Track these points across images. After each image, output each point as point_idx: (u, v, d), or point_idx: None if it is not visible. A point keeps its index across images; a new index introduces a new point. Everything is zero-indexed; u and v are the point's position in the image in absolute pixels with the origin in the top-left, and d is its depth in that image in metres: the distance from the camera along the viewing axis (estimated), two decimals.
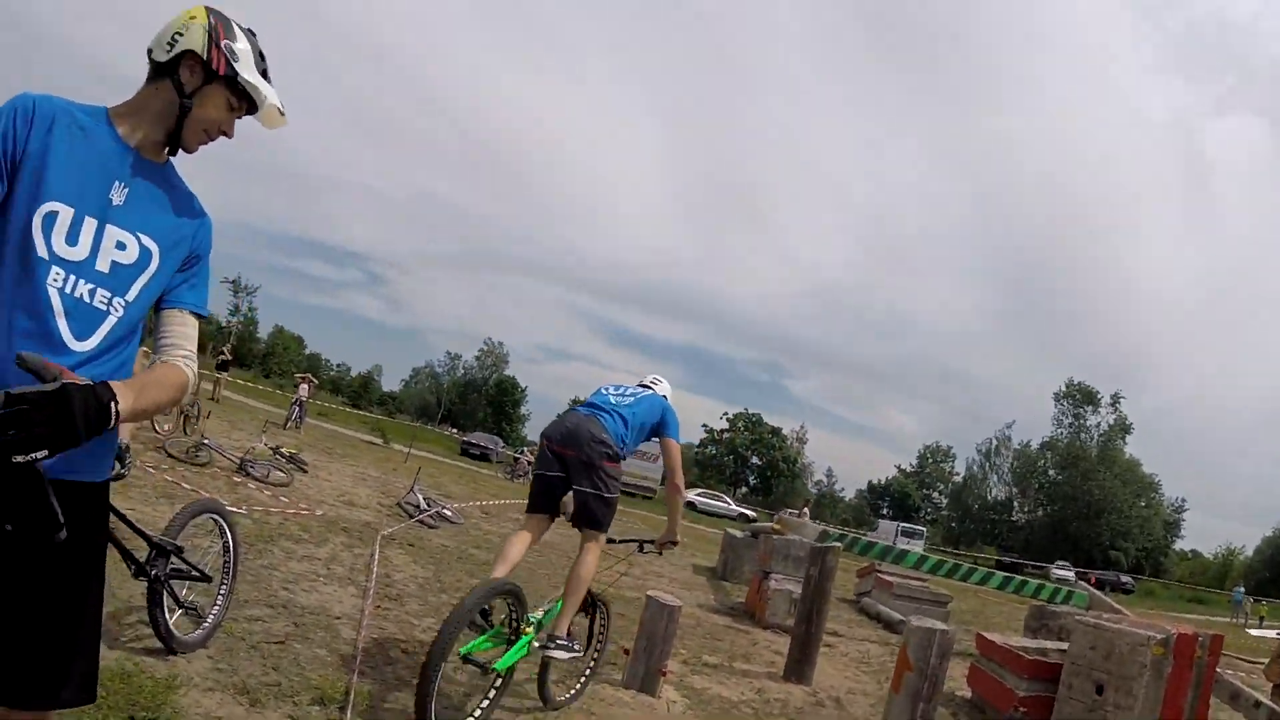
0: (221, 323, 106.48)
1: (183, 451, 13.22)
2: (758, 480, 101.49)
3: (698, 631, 10.51)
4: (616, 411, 6.12)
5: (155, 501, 9.58)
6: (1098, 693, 7.59)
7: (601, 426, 5.89)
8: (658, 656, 6.86)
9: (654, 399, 6.48)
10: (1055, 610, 13.34)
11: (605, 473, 5.77)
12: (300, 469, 16.30)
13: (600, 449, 5.76)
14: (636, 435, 6.18)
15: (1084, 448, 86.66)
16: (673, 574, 16.12)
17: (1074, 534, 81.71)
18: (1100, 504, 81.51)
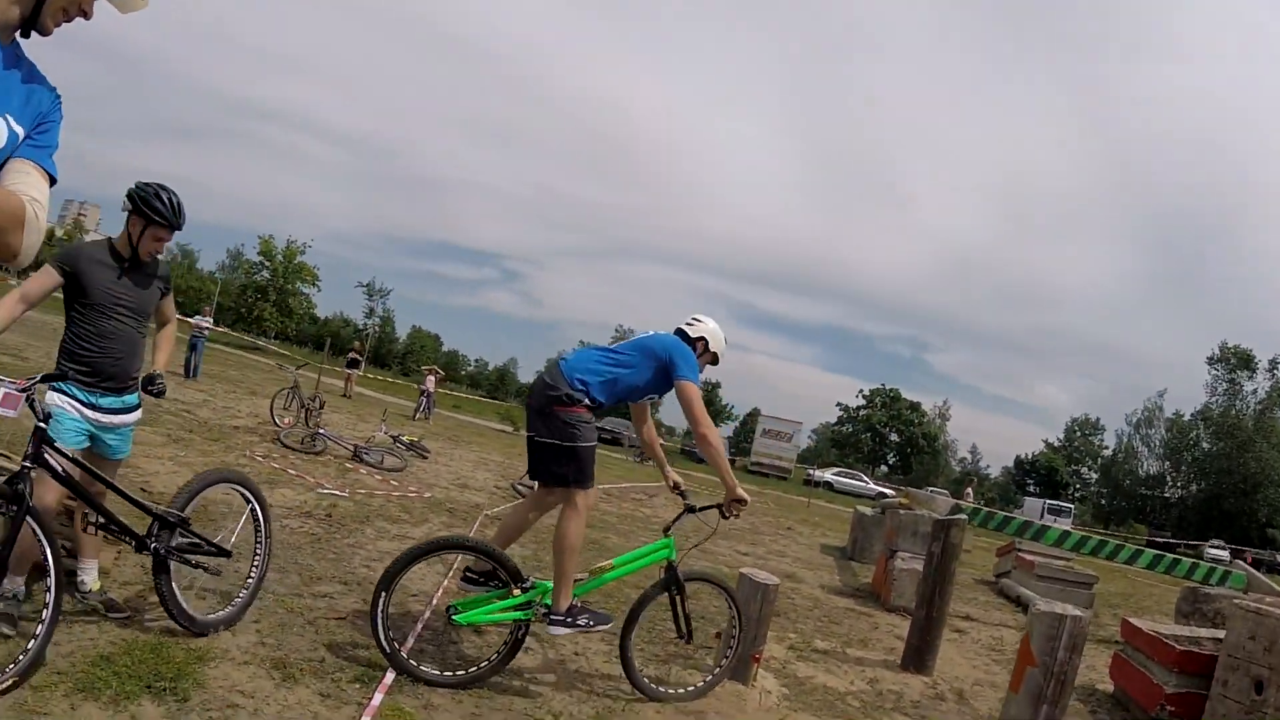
0: (357, 325, 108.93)
1: (298, 442, 13.36)
2: (897, 458, 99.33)
3: (814, 614, 9.91)
4: (594, 350, 5.70)
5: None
6: (1257, 691, 6.44)
7: (558, 372, 5.45)
8: (751, 640, 6.10)
9: (655, 338, 5.78)
10: (1210, 593, 11.94)
11: (559, 419, 5.29)
12: (420, 455, 16.50)
13: (549, 392, 5.33)
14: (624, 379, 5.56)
15: (1239, 417, 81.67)
16: (798, 553, 15.63)
17: (1229, 510, 76.79)
18: (1257, 477, 76.09)
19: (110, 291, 4.70)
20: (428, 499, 11.46)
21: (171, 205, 4.82)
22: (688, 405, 5.51)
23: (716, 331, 6.06)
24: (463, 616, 5.12)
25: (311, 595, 6.10)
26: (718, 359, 6.16)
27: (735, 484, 5.55)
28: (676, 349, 5.66)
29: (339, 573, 6.82)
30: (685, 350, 5.70)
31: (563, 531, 5.26)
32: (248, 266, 76.43)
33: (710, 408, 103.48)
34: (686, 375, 5.54)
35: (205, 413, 15.14)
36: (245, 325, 75.83)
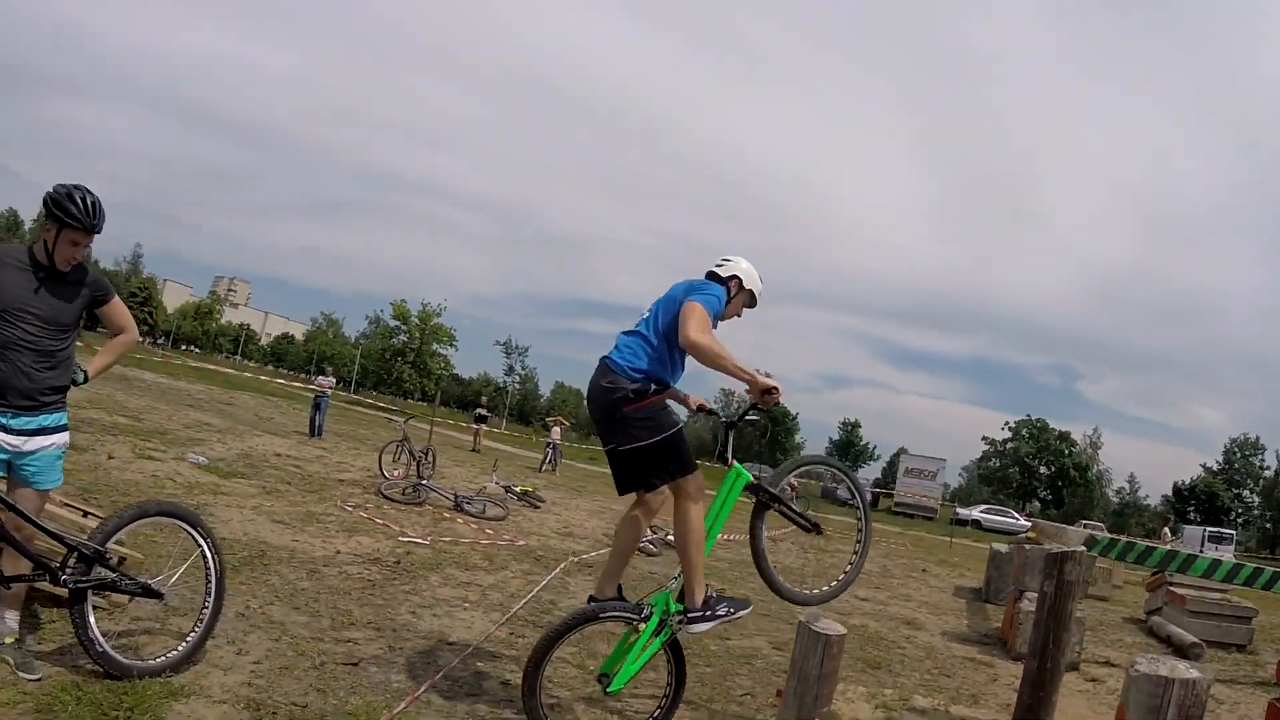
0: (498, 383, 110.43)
1: (399, 493, 13.12)
2: (1048, 492, 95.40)
3: (925, 664, 9.05)
4: (631, 333, 5.06)
5: (332, 534, 9.37)
6: None
7: (609, 368, 4.89)
8: (811, 701, 5.29)
9: (677, 286, 5.17)
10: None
11: (633, 420, 4.79)
12: (533, 505, 16.14)
13: (612, 395, 4.80)
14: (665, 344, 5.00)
15: None
16: (926, 596, 14.72)
17: None
18: None
19: (19, 297, 4.32)
20: (519, 547, 11.06)
21: (86, 206, 4.43)
22: (684, 319, 4.81)
23: (751, 270, 5.48)
24: (617, 682, 4.72)
25: (334, 639, 5.87)
26: (755, 299, 5.55)
27: (755, 374, 4.90)
28: (697, 284, 5.12)
29: (377, 618, 6.53)
30: (708, 284, 5.17)
31: (685, 523, 4.87)
32: (385, 330, 78.05)
33: (851, 448, 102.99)
34: (696, 297, 4.93)
35: (315, 467, 15.01)
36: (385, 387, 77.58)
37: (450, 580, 8.37)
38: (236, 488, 10.97)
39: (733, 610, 4.92)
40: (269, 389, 39.49)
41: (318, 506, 10.88)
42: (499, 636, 6.63)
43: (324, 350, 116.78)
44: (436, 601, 7.39)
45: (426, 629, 6.51)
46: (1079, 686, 9.13)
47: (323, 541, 8.90)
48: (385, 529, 10.28)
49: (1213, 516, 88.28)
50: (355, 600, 6.92)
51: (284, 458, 15.15)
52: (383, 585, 7.59)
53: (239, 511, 9.53)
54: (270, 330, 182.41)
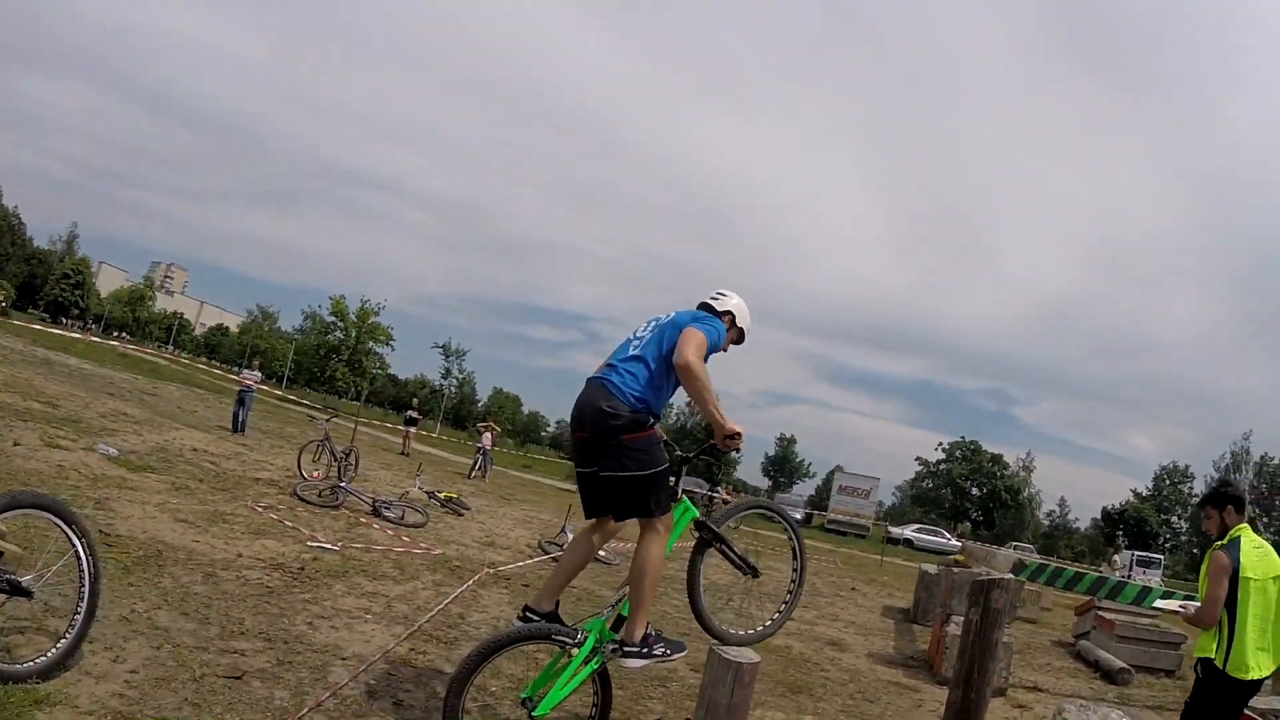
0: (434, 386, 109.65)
1: (315, 495, 12.68)
2: (979, 513, 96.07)
3: (848, 689, 8.82)
4: (632, 358, 4.88)
5: (237, 536, 8.98)
6: None
7: (609, 391, 4.72)
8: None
9: (677, 316, 5.04)
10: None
11: (630, 449, 4.64)
12: (456, 513, 15.75)
13: (611, 421, 4.64)
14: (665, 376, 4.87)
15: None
16: (854, 616, 14.53)
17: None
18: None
19: None
20: (434, 556, 10.68)
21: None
22: (684, 341, 4.72)
23: (743, 306, 5.42)
24: (544, 706, 4.53)
25: (220, 649, 5.52)
26: (743, 336, 5.47)
27: (724, 418, 4.83)
28: (702, 316, 5.06)
29: (270, 628, 6.16)
30: (712, 318, 5.09)
31: (646, 558, 4.74)
32: (321, 326, 77.10)
33: (786, 464, 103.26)
34: (700, 327, 4.84)
35: (231, 464, 14.51)
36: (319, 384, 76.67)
37: (355, 589, 7.99)
38: (144, 482, 10.51)
39: (668, 652, 4.82)
40: (196, 381, 38.70)
41: (227, 506, 10.45)
42: (398, 653, 6.28)
43: (257, 344, 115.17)
44: (337, 612, 7.02)
45: (322, 641, 6.15)
46: (1006, 713, 9.02)
47: (225, 543, 8.49)
48: (295, 532, 9.89)
49: (1141, 541, 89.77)
50: (250, 608, 6.53)
51: (200, 453, 14.64)
52: (282, 592, 7.21)
53: (141, 508, 9.08)
54: (205, 320, 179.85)
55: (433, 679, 5.91)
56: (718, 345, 4.98)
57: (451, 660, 6.46)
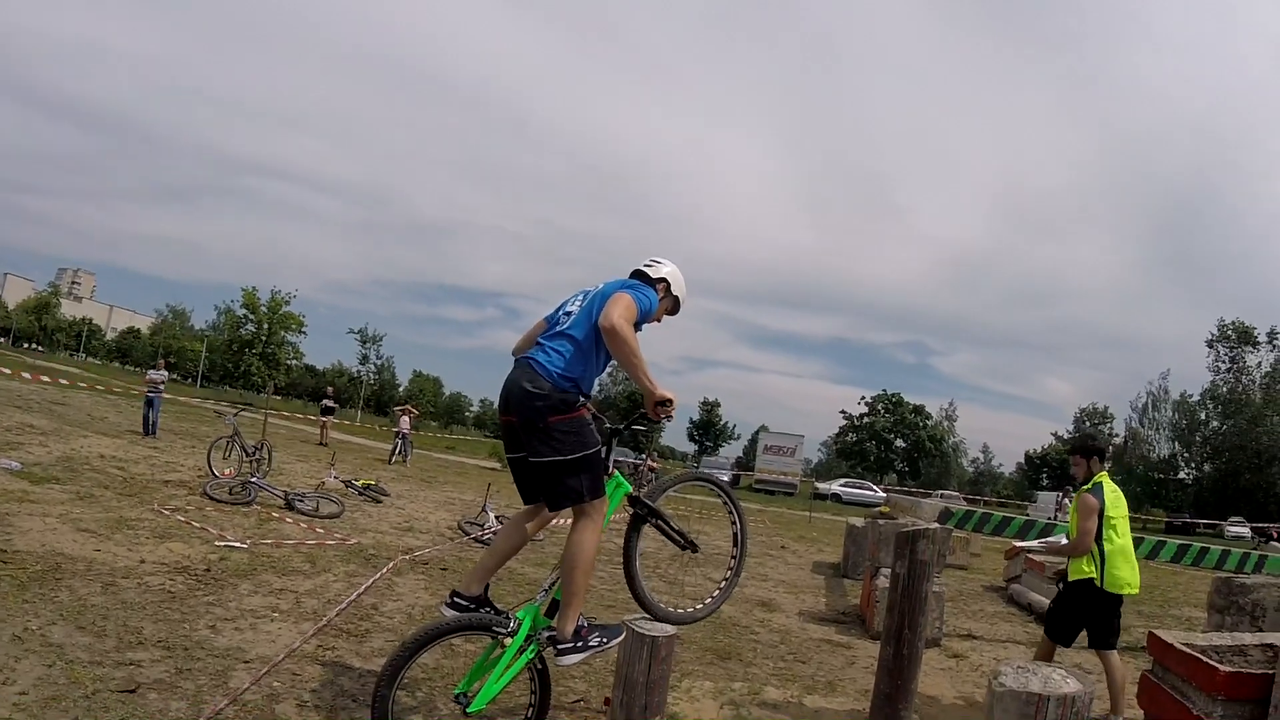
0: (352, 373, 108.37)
1: (225, 492, 12.40)
2: (904, 464, 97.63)
3: (779, 650, 8.71)
4: (558, 335, 4.66)
5: (141, 541, 8.69)
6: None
7: (535, 372, 4.47)
8: (640, 711, 4.82)
9: (609, 285, 4.80)
10: (1246, 582, 10.29)
11: (559, 431, 4.43)
12: (374, 500, 15.55)
13: (538, 403, 4.41)
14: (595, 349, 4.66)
15: (1246, 392, 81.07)
16: (784, 575, 14.58)
17: (1245, 486, 76.12)
18: (1271, 451, 75.82)
19: None
20: (349, 546, 10.46)
21: None
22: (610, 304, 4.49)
23: (678, 274, 5.23)
24: (478, 701, 4.28)
25: (116, 662, 5.25)
26: (678, 305, 5.29)
27: (654, 385, 4.59)
28: (632, 284, 4.82)
29: (170, 636, 5.89)
30: (643, 285, 4.88)
31: (580, 546, 4.53)
32: (233, 320, 75.89)
33: (711, 428, 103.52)
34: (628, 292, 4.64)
35: (141, 468, 14.16)
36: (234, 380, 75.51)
37: (263, 588, 7.72)
38: (47, 494, 10.17)
39: (605, 640, 4.63)
40: (109, 386, 37.85)
41: (132, 511, 10.11)
42: (305, 651, 6.03)
43: (170, 344, 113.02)
44: (242, 613, 6.76)
45: (224, 645, 5.89)
46: (941, 664, 8.98)
47: (128, 550, 8.20)
48: (202, 533, 9.59)
49: (1065, 482, 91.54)
50: (150, 616, 6.26)
51: (108, 459, 14.29)
52: (184, 597, 6.93)
53: (42, 520, 8.75)
54: (116, 324, 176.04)
55: (341, 675, 5.67)
56: (649, 312, 4.80)
57: (362, 654, 6.26)
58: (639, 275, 5.07)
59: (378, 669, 5.84)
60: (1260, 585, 10.07)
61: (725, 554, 5.74)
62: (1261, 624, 9.54)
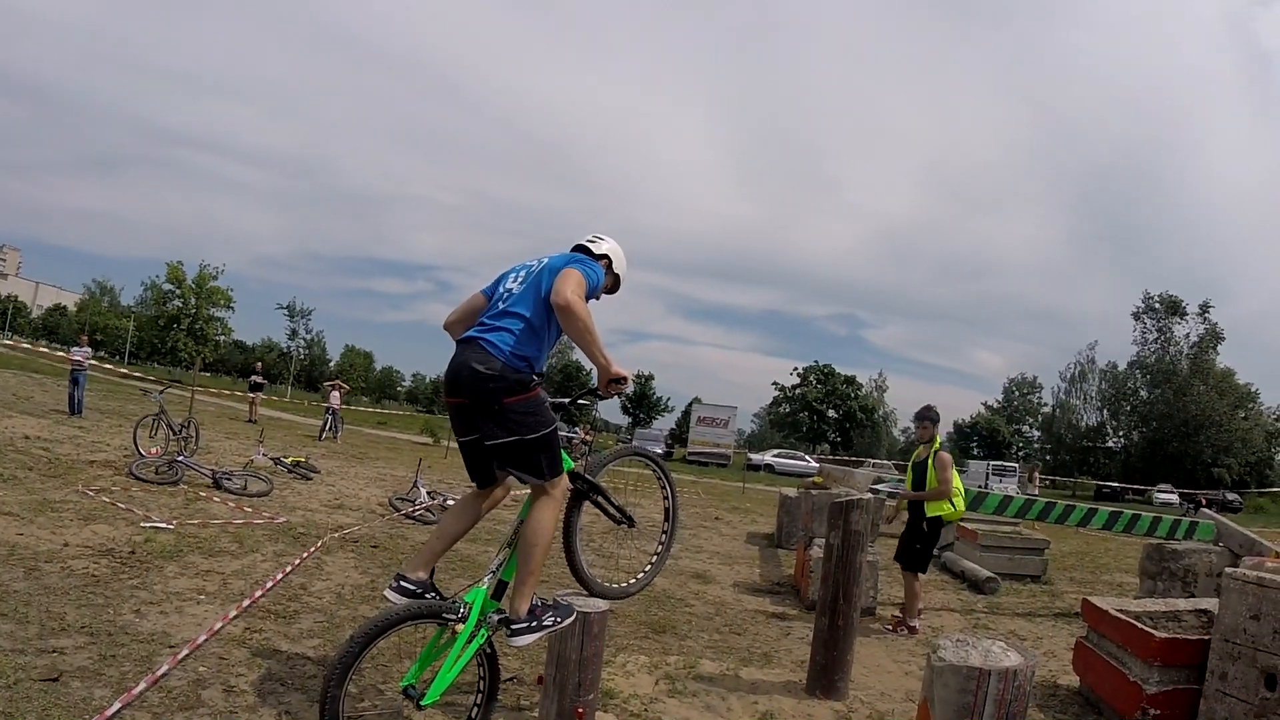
0: (282, 348, 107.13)
1: (152, 472, 12.20)
2: (837, 434, 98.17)
3: (714, 622, 8.75)
4: (506, 313, 4.50)
5: (65, 524, 8.49)
6: (1269, 686, 5.13)
7: (485, 352, 4.32)
8: (574, 689, 4.78)
9: (554, 260, 4.68)
10: (1178, 549, 10.59)
11: (515, 412, 4.31)
12: (304, 477, 15.39)
13: (491, 384, 4.27)
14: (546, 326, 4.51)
15: (1174, 362, 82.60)
16: (718, 546, 14.64)
17: (1173, 454, 77.98)
18: (1197, 420, 77.65)
19: None
20: (278, 525, 10.31)
21: None
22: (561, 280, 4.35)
23: (619, 251, 5.14)
24: (431, 693, 4.13)
25: (37, 650, 5.10)
26: (619, 282, 5.23)
27: (609, 360, 4.54)
28: (579, 258, 4.69)
29: (94, 621, 5.74)
30: (589, 260, 4.77)
31: (539, 525, 4.42)
32: (159, 296, 74.57)
33: (644, 401, 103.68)
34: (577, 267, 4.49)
35: (66, 449, 13.90)
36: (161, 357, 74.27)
37: (190, 569, 7.57)
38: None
39: (559, 619, 4.51)
40: (35, 365, 37.07)
41: (56, 493, 9.91)
42: (230, 633, 5.91)
43: (96, 321, 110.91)
44: (168, 596, 6.62)
45: (149, 630, 5.76)
46: (877, 633, 9.07)
47: (51, 533, 8.00)
48: (128, 514, 9.40)
49: (995, 450, 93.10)
50: (73, 600, 6.11)
51: (32, 440, 14.05)
52: (109, 581, 6.77)
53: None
54: (42, 301, 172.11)
55: (269, 658, 5.57)
56: (597, 287, 4.68)
57: (290, 636, 6.15)
58: (582, 249, 4.98)
59: (307, 651, 5.82)
60: (1192, 551, 10.31)
61: (658, 526, 5.69)
62: (1194, 590, 9.74)
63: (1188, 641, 5.97)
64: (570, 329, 4.38)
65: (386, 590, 4.55)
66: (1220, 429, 78.12)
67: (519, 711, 5.28)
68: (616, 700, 5.72)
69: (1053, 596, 12.47)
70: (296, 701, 4.92)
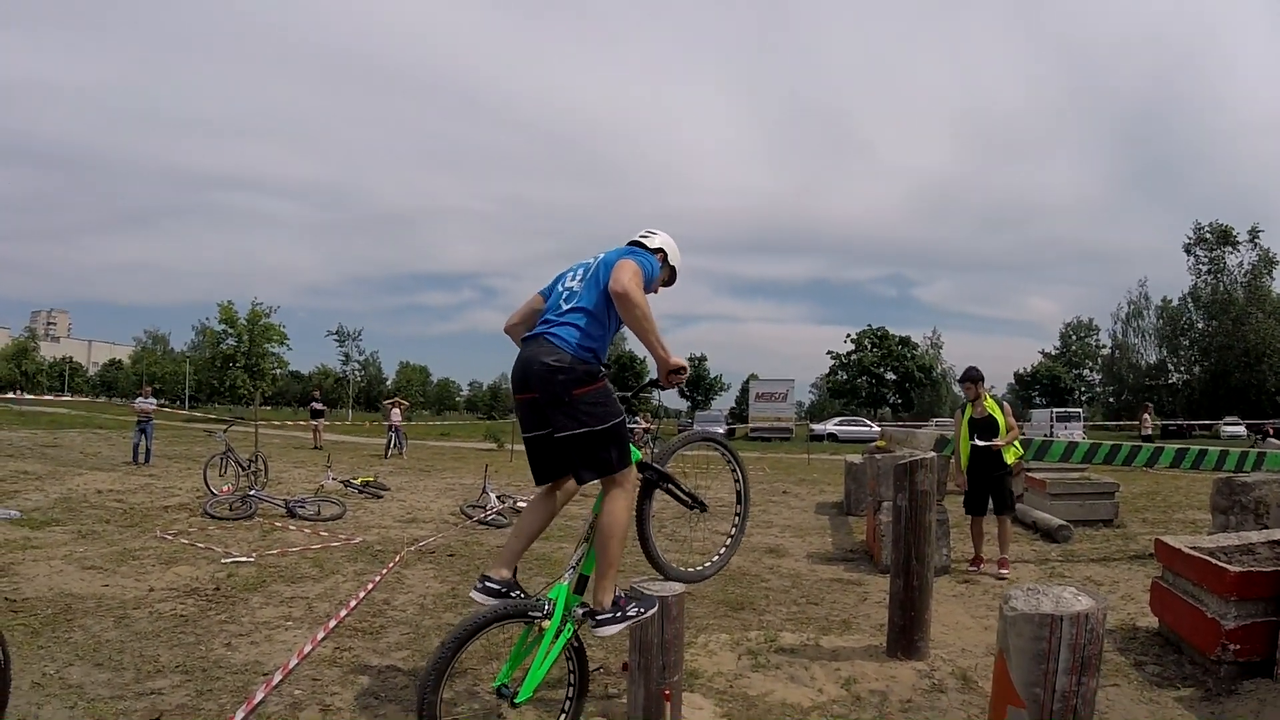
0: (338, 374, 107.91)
1: (226, 509, 12.38)
2: (896, 396, 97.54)
3: (791, 594, 8.76)
4: (570, 310, 4.55)
5: (148, 570, 8.66)
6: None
7: (553, 345, 4.38)
8: (659, 672, 4.89)
9: (610, 254, 4.71)
10: (1247, 481, 10.27)
11: (584, 403, 4.33)
12: (374, 496, 15.57)
13: (560, 376, 4.30)
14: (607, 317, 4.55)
15: (1229, 292, 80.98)
16: (788, 519, 14.69)
17: (1237, 385, 76.29)
18: (1258, 349, 75.76)
19: None
20: (355, 545, 10.51)
21: None
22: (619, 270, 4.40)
23: (672, 243, 5.18)
24: (524, 691, 4.16)
25: (136, 694, 5.22)
26: (675, 275, 5.25)
27: (668, 352, 4.57)
28: (634, 250, 4.75)
29: (187, 660, 5.88)
30: (644, 251, 4.82)
31: (614, 517, 4.44)
32: (212, 337, 75.42)
33: (700, 383, 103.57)
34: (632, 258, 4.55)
35: (139, 498, 14.14)
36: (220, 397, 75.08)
37: (274, 598, 7.75)
38: (49, 538, 10.12)
39: (642, 610, 4.54)
40: (98, 422, 37.68)
41: (135, 541, 10.12)
42: (321, 654, 6.05)
43: (152, 370, 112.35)
44: (256, 626, 6.78)
45: (241, 661, 5.91)
46: (953, 591, 9.04)
47: (135, 580, 8.18)
48: (208, 553, 9.59)
49: (1057, 398, 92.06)
50: (164, 642, 6.26)
51: (106, 494, 14.29)
52: (197, 619, 6.94)
53: (47, 565, 8.71)
54: (96, 359, 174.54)
55: (361, 675, 5.69)
56: (653, 278, 4.72)
57: (379, 651, 6.28)
58: (635, 244, 5.01)
59: (397, 664, 5.92)
60: (1262, 482, 10.08)
61: (729, 506, 5.70)
62: (1266, 521, 9.53)
63: (1263, 574, 5.90)
64: (628, 317, 4.41)
65: (472, 591, 4.56)
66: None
67: (608, 700, 5.34)
68: (702, 679, 5.79)
69: (1126, 539, 12.34)
70: (392, 713, 5.02)
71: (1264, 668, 5.75)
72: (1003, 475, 10.23)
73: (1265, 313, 77.01)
